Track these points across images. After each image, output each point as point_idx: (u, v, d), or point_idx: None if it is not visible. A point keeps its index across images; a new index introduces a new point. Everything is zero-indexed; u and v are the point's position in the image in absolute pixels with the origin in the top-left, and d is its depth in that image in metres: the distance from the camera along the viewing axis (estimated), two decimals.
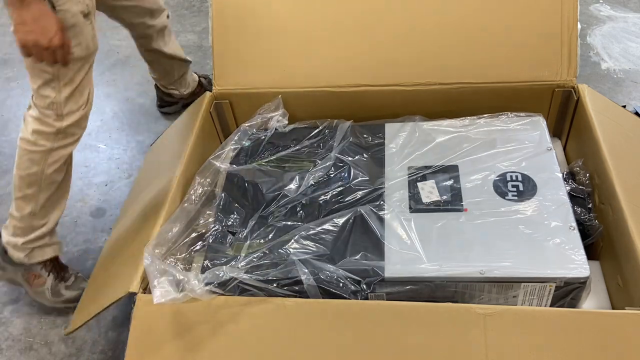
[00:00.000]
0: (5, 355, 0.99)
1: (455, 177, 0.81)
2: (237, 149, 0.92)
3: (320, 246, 0.74)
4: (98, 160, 1.36)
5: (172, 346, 0.68)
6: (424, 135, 0.88)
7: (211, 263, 0.75)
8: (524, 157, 0.82)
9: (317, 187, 0.83)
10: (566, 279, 0.67)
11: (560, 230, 0.71)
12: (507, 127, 0.87)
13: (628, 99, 1.37)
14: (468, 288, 0.70)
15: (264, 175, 0.86)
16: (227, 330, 0.67)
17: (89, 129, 1.49)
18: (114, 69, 1.66)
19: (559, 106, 0.94)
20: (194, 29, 1.79)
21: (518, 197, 0.76)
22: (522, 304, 0.71)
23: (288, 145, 0.91)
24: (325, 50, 0.97)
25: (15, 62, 1.70)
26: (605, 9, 1.71)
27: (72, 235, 1.18)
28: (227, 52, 0.99)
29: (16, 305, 1.06)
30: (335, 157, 0.86)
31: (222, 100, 1.01)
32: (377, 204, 0.78)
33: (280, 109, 0.96)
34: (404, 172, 0.83)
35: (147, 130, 1.43)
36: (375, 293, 0.71)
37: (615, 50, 1.53)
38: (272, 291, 0.71)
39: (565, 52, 0.91)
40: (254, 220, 0.80)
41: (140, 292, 0.71)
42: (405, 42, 0.95)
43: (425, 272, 0.70)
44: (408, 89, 0.95)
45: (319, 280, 0.70)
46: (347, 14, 0.97)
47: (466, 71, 0.94)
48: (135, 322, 0.69)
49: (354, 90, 0.96)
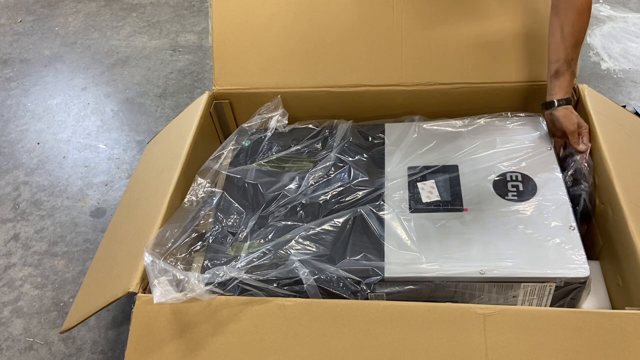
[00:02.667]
0: (5, 355, 0.99)
1: (455, 177, 0.81)
2: (237, 149, 0.92)
3: (320, 246, 0.74)
4: (98, 160, 1.36)
5: (172, 346, 0.68)
6: (424, 135, 0.88)
7: (211, 263, 0.75)
8: (524, 157, 0.82)
9: (317, 187, 0.83)
10: (566, 279, 0.67)
11: (560, 230, 0.71)
12: (507, 127, 0.87)
13: (628, 99, 1.37)
14: (468, 288, 0.70)
15: (264, 175, 0.86)
16: (227, 330, 0.67)
17: (89, 129, 1.49)
18: (114, 69, 1.66)
19: None
20: (193, 29, 1.79)
21: (518, 197, 0.76)
22: (522, 304, 0.71)
23: (288, 145, 0.91)
24: (325, 50, 0.97)
25: (15, 62, 1.71)
26: (605, 9, 1.70)
27: (72, 235, 1.18)
28: (227, 52, 0.99)
29: (16, 305, 1.06)
30: (335, 157, 0.86)
31: (222, 100, 1.01)
32: (377, 204, 0.78)
33: (280, 109, 0.96)
34: (404, 172, 0.83)
35: (147, 130, 1.43)
36: (375, 293, 0.71)
37: (615, 50, 1.53)
38: (272, 291, 0.71)
39: None
40: (254, 220, 0.80)
41: (140, 292, 0.71)
42: (405, 42, 0.95)
43: (425, 272, 0.70)
44: (408, 89, 0.95)
45: (319, 280, 0.70)
46: (347, 14, 0.97)
47: (466, 71, 0.94)
48: (135, 322, 0.69)
49: (354, 90, 0.96)
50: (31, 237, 1.19)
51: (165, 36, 1.78)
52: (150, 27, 1.83)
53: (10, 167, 1.36)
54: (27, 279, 1.10)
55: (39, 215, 1.24)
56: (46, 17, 1.92)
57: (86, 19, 1.90)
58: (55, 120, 1.50)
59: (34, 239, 1.19)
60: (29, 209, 1.25)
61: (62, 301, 1.06)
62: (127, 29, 1.83)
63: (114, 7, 1.95)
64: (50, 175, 1.33)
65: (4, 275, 1.12)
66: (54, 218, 1.22)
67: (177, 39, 1.76)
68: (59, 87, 1.62)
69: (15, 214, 1.24)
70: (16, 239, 1.19)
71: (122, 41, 1.77)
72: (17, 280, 1.10)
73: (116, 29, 1.84)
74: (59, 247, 1.16)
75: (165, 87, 1.57)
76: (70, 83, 1.63)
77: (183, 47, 1.72)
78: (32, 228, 1.21)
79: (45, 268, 1.12)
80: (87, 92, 1.59)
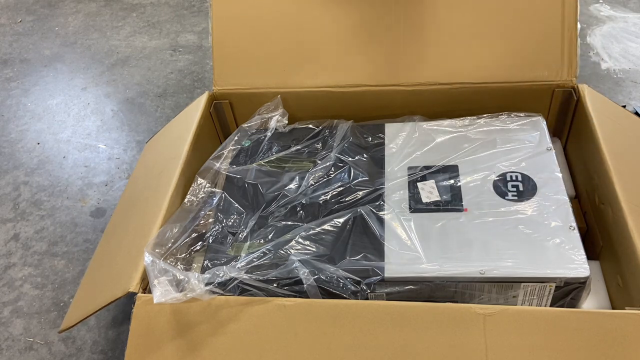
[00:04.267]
0: (5, 355, 0.99)
1: (455, 177, 0.81)
2: (237, 149, 0.92)
3: (320, 246, 0.74)
4: (98, 160, 1.36)
5: (172, 346, 0.68)
6: (424, 135, 0.88)
7: (211, 263, 0.75)
8: (524, 157, 0.82)
9: (317, 187, 0.83)
10: (566, 279, 0.67)
11: (560, 230, 0.71)
12: (507, 127, 0.87)
13: (628, 99, 1.37)
14: (468, 288, 0.70)
15: (264, 175, 0.86)
16: (227, 330, 0.67)
17: (89, 129, 1.49)
18: (114, 69, 1.66)
19: (559, 106, 0.94)
20: (193, 29, 1.80)
21: (518, 197, 0.76)
22: (522, 304, 0.71)
23: (288, 145, 0.91)
24: (325, 50, 0.97)
25: (15, 62, 1.70)
26: (605, 9, 1.70)
27: (72, 236, 1.18)
28: (227, 52, 0.99)
29: (16, 305, 1.06)
30: (335, 157, 0.86)
31: (222, 100, 1.01)
32: (377, 204, 0.78)
33: (280, 109, 0.96)
34: (404, 172, 0.83)
35: (147, 130, 1.43)
36: (375, 293, 0.71)
37: (615, 50, 1.53)
38: (272, 291, 0.71)
39: (565, 52, 0.91)
40: (254, 220, 0.80)
41: (140, 292, 0.71)
42: (405, 42, 0.95)
43: (425, 272, 0.70)
44: (408, 89, 0.95)
45: (319, 281, 0.70)
46: (347, 14, 0.97)
47: (466, 71, 0.94)
48: (135, 322, 0.69)
49: (354, 90, 0.96)
50: (31, 237, 1.19)
51: (165, 36, 1.78)
52: (150, 27, 1.83)
53: (10, 167, 1.36)
54: (27, 279, 1.10)
55: (39, 215, 1.24)
56: (46, 17, 1.92)
57: (86, 19, 1.90)
58: (55, 120, 1.50)
59: (34, 239, 1.19)
60: (29, 209, 1.25)
61: (62, 301, 1.06)
62: (127, 29, 1.83)
63: (114, 7, 1.95)
64: (50, 175, 1.33)
65: (4, 275, 1.12)
66: (54, 218, 1.23)
67: (177, 39, 1.76)
68: (59, 87, 1.62)
69: (15, 214, 1.24)
70: (16, 239, 1.19)
71: (122, 41, 1.77)
72: (17, 280, 1.10)
73: (116, 29, 1.84)
74: (59, 247, 1.16)
75: (165, 87, 1.57)
76: (70, 83, 1.63)
77: (183, 47, 1.72)
78: (32, 228, 1.21)
79: (45, 268, 1.12)
80: (87, 92, 1.59)
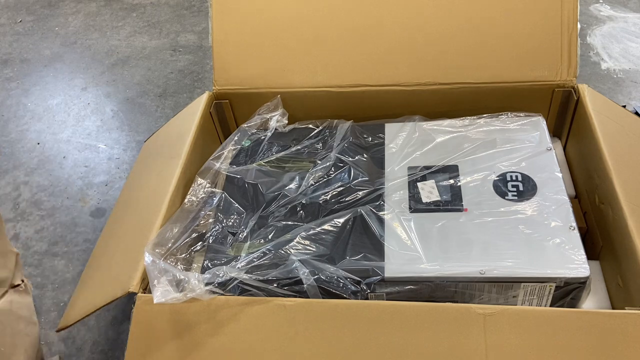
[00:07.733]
0: None
1: (455, 177, 0.81)
2: (237, 149, 0.92)
3: (320, 246, 0.74)
4: (98, 160, 1.36)
5: (172, 346, 0.68)
6: (424, 135, 0.88)
7: (211, 263, 0.75)
8: (524, 157, 0.82)
9: (317, 187, 0.83)
10: (566, 278, 0.67)
11: (560, 230, 0.71)
12: (507, 127, 0.87)
13: (628, 99, 1.37)
14: (468, 288, 0.70)
15: (264, 175, 0.86)
16: (227, 330, 0.67)
17: (89, 129, 1.49)
18: (114, 69, 1.66)
19: (559, 106, 0.94)
20: (193, 29, 1.80)
21: (518, 197, 0.76)
22: (522, 304, 0.71)
23: (288, 145, 0.91)
24: (325, 50, 0.97)
25: (15, 62, 1.70)
26: (605, 9, 1.70)
27: (72, 235, 1.18)
28: (227, 52, 0.99)
29: None
30: (335, 157, 0.86)
31: (222, 100, 1.01)
32: (377, 204, 0.78)
33: (280, 109, 0.96)
34: (404, 172, 0.83)
35: (147, 130, 1.43)
36: (375, 293, 0.71)
37: (615, 50, 1.53)
38: (272, 291, 0.71)
39: (565, 52, 0.91)
40: (254, 220, 0.80)
41: (140, 292, 0.71)
42: (405, 42, 0.95)
43: (425, 272, 0.70)
44: (408, 89, 0.95)
45: (319, 280, 0.70)
46: (347, 14, 0.97)
47: (466, 71, 0.94)
48: (135, 322, 0.69)
49: (354, 90, 0.96)
50: (31, 237, 1.19)
51: (165, 36, 1.78)
52: (150, 27, 1.83)
53: (10, 167, 1.36)
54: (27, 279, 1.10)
55: (39, 215, 1.24)
56: (46, 17, 1.92)
57: (86, 19, 1.90)
58: (55, 120, 1.50)
59: (34, 239, 1.19)
60: (29, 209, 1.25)
61: (62, 301, 1.06)
62: (127, 29, 1.83)
63: (114, 7, 1.95)
64: (50, 175, 1.33)
65: None
66: (54, 218, 1.22)
67: (177, 39, 1.76)
68: (59, 87, 1.62)
69: (15, 214, 1.24)
70: (16, 239, 1.19)
71: (122, 41, 1.77)
72: None
73: (116, 29, 1.84)
74: (59, 247, 1.16)
75: (166, 87, 1.57)
76: (70, 83, 1.63)
77: (183, 47, 1.72)
78: (32, 228, 1.21)
79: (45, 268, 1.12)
80: (87, 92, 1.59)
